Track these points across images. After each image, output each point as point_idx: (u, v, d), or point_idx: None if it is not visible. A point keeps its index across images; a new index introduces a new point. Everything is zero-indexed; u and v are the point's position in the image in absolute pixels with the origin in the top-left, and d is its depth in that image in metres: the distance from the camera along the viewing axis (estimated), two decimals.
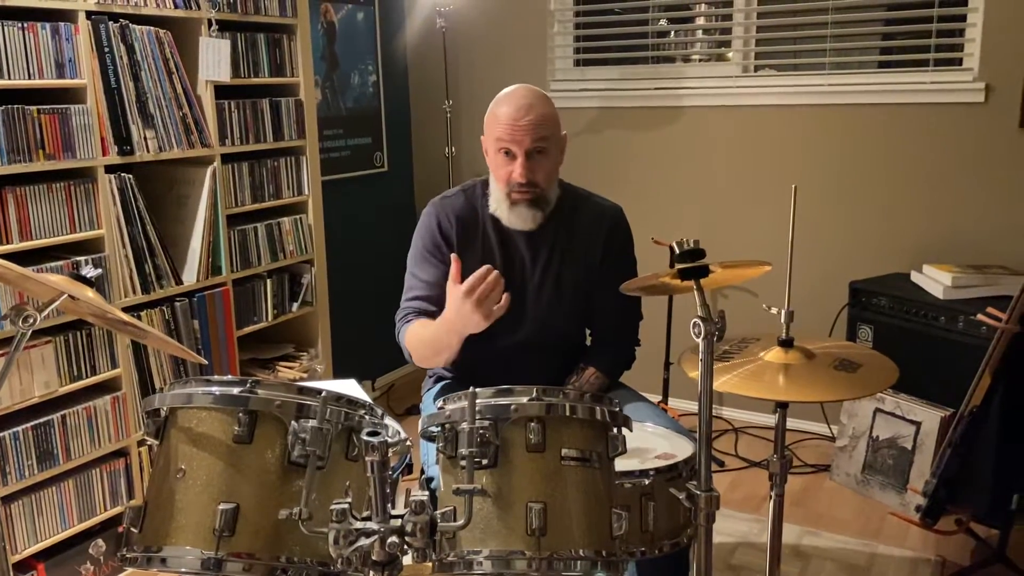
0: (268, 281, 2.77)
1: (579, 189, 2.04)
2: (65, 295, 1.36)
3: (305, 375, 2.86)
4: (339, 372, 3.07)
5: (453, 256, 1.71)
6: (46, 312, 1.35)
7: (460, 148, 3.70)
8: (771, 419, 3.40)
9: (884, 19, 3.13)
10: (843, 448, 2.91)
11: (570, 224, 1.96)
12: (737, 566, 2.44)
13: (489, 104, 1.90)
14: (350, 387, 1.95)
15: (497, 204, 1.91)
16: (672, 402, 3.36)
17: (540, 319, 1.96)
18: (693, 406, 3.50)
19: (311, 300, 2.94)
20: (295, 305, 2.90)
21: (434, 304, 1.88)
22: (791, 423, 3.33)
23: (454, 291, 1.65)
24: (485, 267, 1.63)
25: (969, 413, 2.30)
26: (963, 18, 2.94)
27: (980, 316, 2.34)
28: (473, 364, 1.99)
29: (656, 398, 3.26)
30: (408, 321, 1.91)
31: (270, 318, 2.80)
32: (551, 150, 1.86)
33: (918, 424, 2.68)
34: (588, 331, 2.10)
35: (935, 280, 2.75)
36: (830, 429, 3.24)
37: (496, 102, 1.88)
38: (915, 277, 2.89)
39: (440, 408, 1.24)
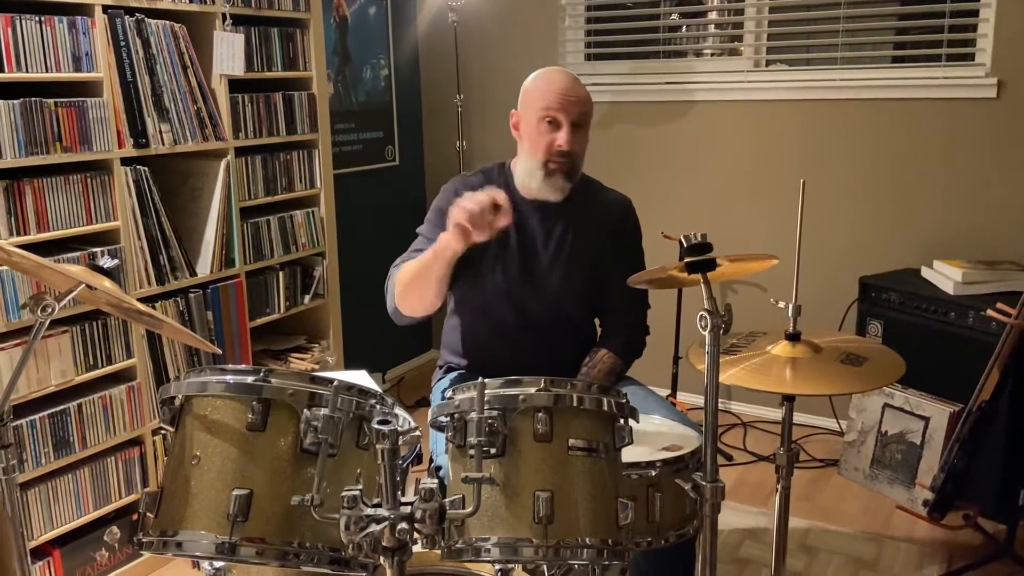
0: (280, 273, 2.80)
1: (592, 179, 2.10)
2: (83, 284, 1.38)
3: (316, 366, 2.89)
4: (350, 364, 3.10)
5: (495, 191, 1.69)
6: (64, 301, 1.38)
7: (471, 142, 3.71)
8: (779, 413, 3.40)
9: (896, 14, 3.12)
10: (851, 443, 2.92)
11: (582, 208, 2.01)
12: (743, 559, 2.46)
13: (519, 88, 1.96)
14: (361, 378, 1.97)
15: (529, 174, 1.93)
16: (681, 396, 3.37)
17: (550, 295, 2.00)
18: (702, 400, 3.50)
19: (323, 292, 2.96)
20: (307, 297, 2.92)
21: None
22: (800, 418, 3.34)
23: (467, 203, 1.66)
24: (492, 196, 1.65)
25: (978, 408, 2.30)
26: (976, 13, 2.94)
27: (990, 312, 2.34)
28: (485, 348, 2.03)
29: (665, 392, 3.27)
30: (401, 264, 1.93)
31: (282, 310, 2.82)
32: (587, 126, 1.94)
33: (927, 419, 2.69)
34: (597, 320, 2.13)
35: (945, 275, 2.75)
36: (838, 424, 3.24)
37: (538, 77, 1.94)
38: (925, 272, 2.89)
39: (449, 398, 1.26)
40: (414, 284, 1.86)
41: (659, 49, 3.51)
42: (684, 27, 3.57)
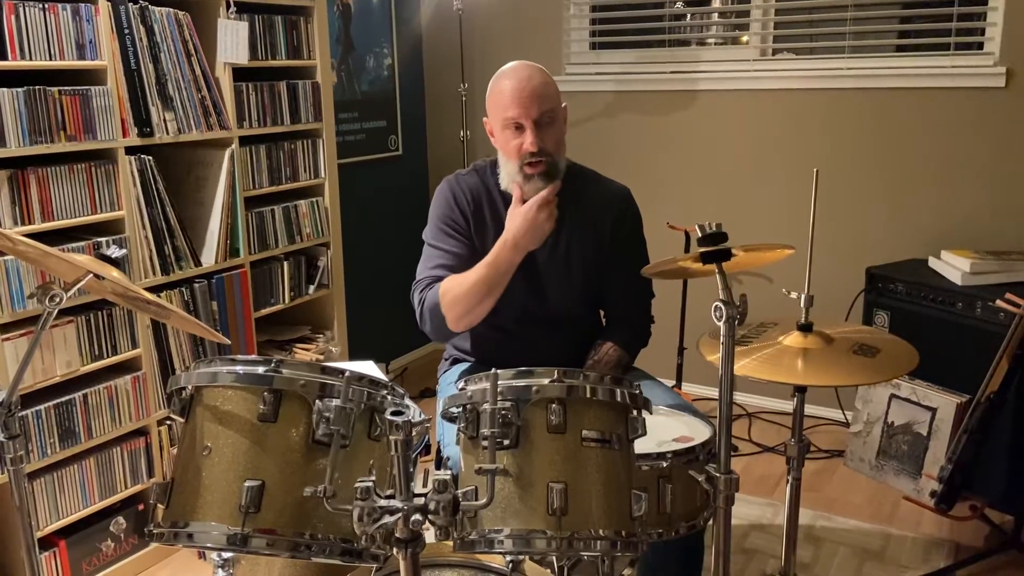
0: (285, 263, 2.79)
1: (587, 169, 2.06)
2: (91, 274, 1.37)
3: (321, 357, 2.88)
4: (354, 354, 3.09)
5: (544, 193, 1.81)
6: (72, 291, 1.36)
7: (475, 132, 3.69)
8: (784, 404, 3.40)
9: (904, 2, 3.10)
10: (857, 434, 2.92)
11: (578, 203, 1.97)
12: (750, 549, 2.45)
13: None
14: (368, 368, 1.96)
15: (511, 179, 1.90)
16: (685, 387, 3.37)
17: (550, 293, 1.98)
18: (707, 391, 3.50)
19: (327, 283, 2.95)
20: (311, 287, 2.91)
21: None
22: (805, 409, 3.33)
23: (521, 209, 1.80)
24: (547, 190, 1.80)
25: (986, 399, 2.29)
26: (984, 1, 2.91)
27: (999, 302, 2.33)
28: (488, 344, 2.02)
29: (670, 383, 3.26)
30: (436, 281, 1.89)
31: (287, 300, 2.81)
32: (557, 118, 1.88)
33: (933, 410, 2.68)
34: (602, 312, 2.12)
35: (953, 266, 2.73)
36: (844, 415, 3.24)
37: (496, 80, 1.90)
38: (933, 263, 2.88)
39: (461, 389, 1.25)
40: (483, 290, 1.82)
41: (664, 38, 3.49)
42: (689, 16, 3.55)
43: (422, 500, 1.12)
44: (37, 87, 2.04)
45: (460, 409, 1.24)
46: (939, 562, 2.38)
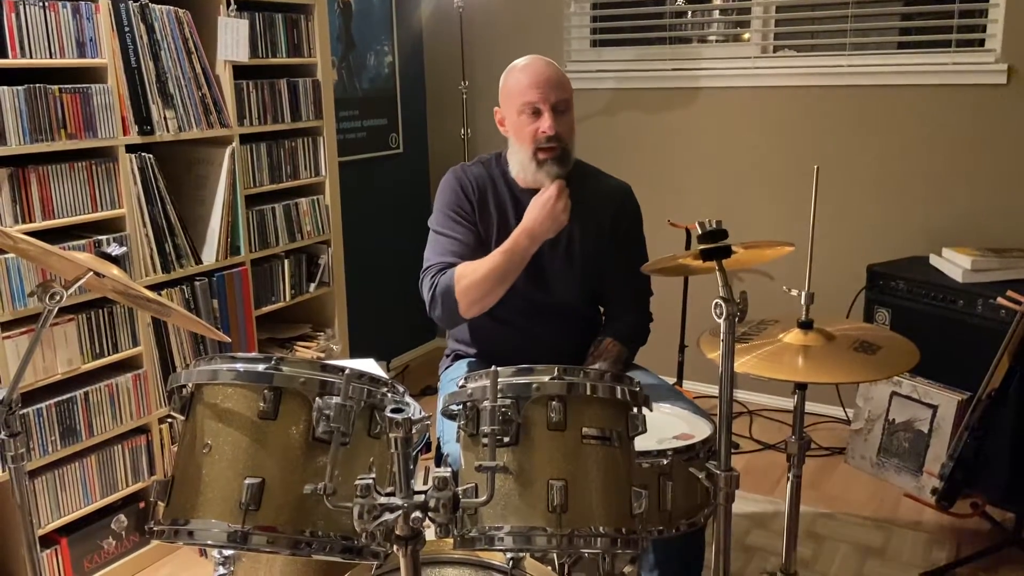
0: (286, 261, 2.79)
1: (588, 166, 2.08)
2: (91, 272, 1.37)
3: (322, 355, 2.88)
4: (355, 352, 3.09)
5: (557, 183, 1.85)
6: (72, 289, 1.36)
7: (476, 129, 3.69)
8: (785, 402, 3.40)
9: None
10: (859, 431, 2.92)
11: (581, 196, 1.98)
12: (751, 547, 2.45)
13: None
14: (369, 367, 1.97)
15: (522, 167, 1.92)
16: (687, 384, 3.37)
17: (553, 284, 1.99)
18: (708, 389, 3.50)
19: (328, 280, 2.95)
20: (312, 285, 2.91)
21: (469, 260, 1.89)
22: (807, 406, 3.33)
23: (539, 199, 1.84)
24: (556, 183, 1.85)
25: (987, 397, 2.29)
26: None
27: (1000, 300, 2.33)
28: (491, 337, 2.03)
29: (671, 380, 3.26)
30: (447, 267, 1.89)
31: (288, 298, 2.81)
32: (570, 110, 1.93)
33: (935, 407, 2.68)
34: (601, 308, 2.13)
35: (954, 263, 2.73)
36: (845, 412, 3.24)
37: (512, 71, 1.94)
38: (934, 260, 2.88)
39: (461, 386, 1.25)
40: (497, 278, 1.83)
41: (665, 35, 3.49)
42: (690, 13, 3.54)
43: (422, 497, 1.11)
44: (37, 85, 2.03)
45: (460, 406, 1.24)
46: (940, 559, 2.38)
